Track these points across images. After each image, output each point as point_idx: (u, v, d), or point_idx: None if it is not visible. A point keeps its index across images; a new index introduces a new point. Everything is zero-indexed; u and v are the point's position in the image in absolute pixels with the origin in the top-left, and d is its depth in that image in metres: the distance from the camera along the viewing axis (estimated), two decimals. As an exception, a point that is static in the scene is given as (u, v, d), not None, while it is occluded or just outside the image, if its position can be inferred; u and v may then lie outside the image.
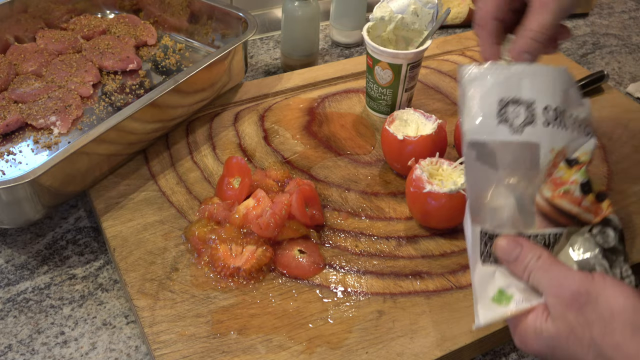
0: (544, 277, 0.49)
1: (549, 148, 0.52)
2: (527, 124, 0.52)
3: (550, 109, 0.53)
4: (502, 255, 0.52)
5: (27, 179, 0.61)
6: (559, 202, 0.52)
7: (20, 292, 0.65)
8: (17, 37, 0.90)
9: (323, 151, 0.80)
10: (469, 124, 0.53)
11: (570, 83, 0.55)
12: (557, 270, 0.49)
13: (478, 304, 0.53)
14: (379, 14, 0.82)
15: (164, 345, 0.57)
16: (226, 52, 0.80)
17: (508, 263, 0.52)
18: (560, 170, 0.53)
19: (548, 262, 0.50)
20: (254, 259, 0.63)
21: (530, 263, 0.50)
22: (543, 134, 0.52)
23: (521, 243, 0.52)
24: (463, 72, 0.55)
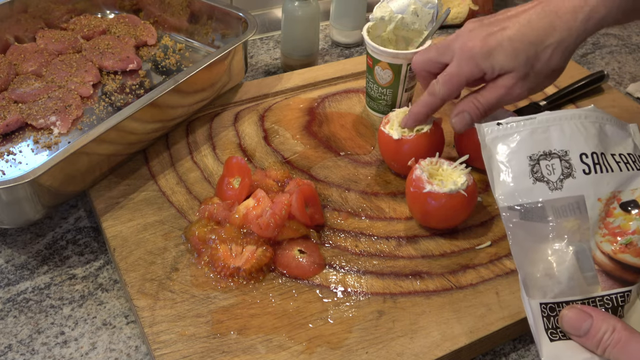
0: (623, 353, 0.45)
1: (595, 197, 0.48)
2: (565, 177, 0.48)
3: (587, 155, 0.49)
4: (570, 330, 0.48)
5: (27, 179, 0.61)
6: (622, 257, 0.47)
7: (20, 292, 0.65)
8: (17, 37, 0.90)
9: (323, 151, 0.80)
10: (502, 188, 0.49)
11: (603, 119, 0.51)
12: (636, 346, 0.45)
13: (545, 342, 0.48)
14: (379, 14, 0.82)
15: (164, 345, 0.57)
16: (226, 52, 0.80)
17: (578, 338, 0.47)
18: (618, 218, 0.48)
19: (625, 336, 0.45)
20: (254, 259, 0.63)
21: (604, 338, 0.46)
22: (585, 184, 0.48)
23: (590, 313, 0.47)
24: (484, 131, 0.51)
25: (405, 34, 0.84)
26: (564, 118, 0.50)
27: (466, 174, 0.66)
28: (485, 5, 1.13)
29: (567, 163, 0.49)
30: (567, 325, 0.48)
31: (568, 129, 0.50)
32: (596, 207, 0.48)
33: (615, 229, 0.48)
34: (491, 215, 0.72)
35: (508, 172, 0.49)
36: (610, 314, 0.47)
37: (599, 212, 0.48)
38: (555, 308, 0.48)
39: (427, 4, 0.81)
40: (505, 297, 0.63)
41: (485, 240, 0.69)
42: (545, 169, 0.49)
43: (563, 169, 0.49)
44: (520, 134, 0.50)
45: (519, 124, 0.50)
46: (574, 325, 0.47)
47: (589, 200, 0.48)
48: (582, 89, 0.91)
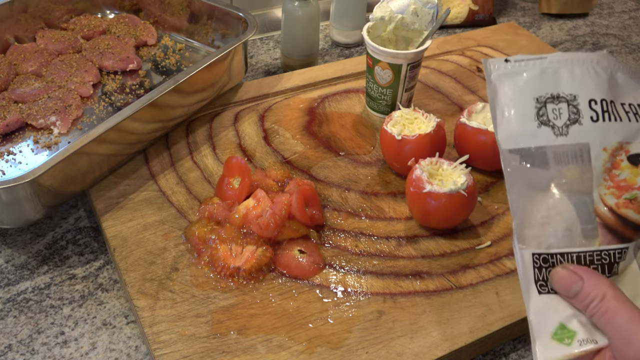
0: (608, 326, 0.44)
1: (601, 146, 0.46)
2: (572, 123, 0.46)
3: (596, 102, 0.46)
4: (560, 289, 0.46)
5: (27, 179, 0.61)
6: (625, 211, 0.46)
7: (20, 292, 0.65)
8: (17, 37, 0.90)
9: (323, 151, 0.80)
10: (505, 130, 0.47)
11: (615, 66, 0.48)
12: (623, 321, 0.43)
13: (536, 342, 0.46)
14: (379, 14, 0.82)
15: (164, 345, 0.57)
16: (226, 52, 0.80)
17: (567, 298, 0.46)
18: (624, 171, 0.46)
19: (613, 306, 0.44)
20: (254, 259, 0.63)
21: (593, 304, 0.45)
22: (592, 131, 0.46)
23: (582, 276, 0.45)
24: (490, 67, 0.48)
25: (405, 34, 0.84)
26: (575, 60, 0.48)
27: (466, 174, 0.66)
28: (485, 5, 1.13)
29: (575, 108, 0.47)
30: (557, 285, 0.47)
31: (579, 72, 0.47)
32: (601, 157, 0.46)
33: (620, 182, 0.46)
34: (491, 215, 0.72)
35: (512, 113, 0.47)
36: (603, 278, 0.45)
37: (604, 163, 0.46)
38: (548, 259, 0.46)
39: (427, 4, 0.81)
40: (505, 297, 0.63)
41: (485, 240, 0.69)
42: (551, 113, 0.46)
43: (570, 114, 0.46)
44: (528, 73, 0.47)
45: (528, 62, 0.48)
46: (564, 286, 0.46)
47: (594, 149, 0.46)
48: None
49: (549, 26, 1.18)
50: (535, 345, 0.46)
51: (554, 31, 1.16)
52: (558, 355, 0.45)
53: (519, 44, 1.03)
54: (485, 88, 0.92)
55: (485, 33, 1.06)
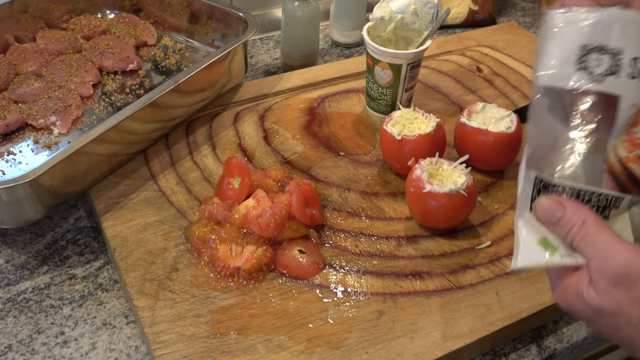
0: (587, 247, 0.46)
1: (631, 102, 0.47)
2: (609, 74, 0.47)
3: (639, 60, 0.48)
4: (543, 217, 0.48)
5: (27, 179, 0.61)
6: (633, 165, 0.47)
7: (20, 292, 0.65)
8: (17, 37, 0.90)
9: (323, 151, 0.80)
10: (543, 67, 0.49)
11: None
12: (602, 242, 0.45)
13: (520, 245, 0.48)
14: (379, 14, 0.82)
15: (164, 345, 0.57)
16: (226, 52, 0.80)
17: (549, 225, 0.48)
18: None
19: (593, 229, 0.46)
20: (254, 259, 0.63)
21: (573, 229, 0.47)
22: (627, 86, 0.47)
23: (564, 204, 0.48)
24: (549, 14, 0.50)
25: (405, 34, 0.84)
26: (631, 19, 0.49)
27: (466, 174, 0.66)
28: (485, 5, 1.13)
29: (617, 62, 0.48)
30: (540, 213, 0.49)
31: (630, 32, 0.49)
32: (628, 112, 0.47)
33: (636, 140, 0.47)
34: (491, 215, 0.72)
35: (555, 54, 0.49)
36: (584, 207, 0.47)
37: (628, 117, 0.47)
38: (548, 186, 0.49)
39: (427, 4, 0.81)
40: (505, 297, 0.63)
41: (485, 240, 0.69)
42: (592, 61, 0.48)
43: (610, 66, 0.48)
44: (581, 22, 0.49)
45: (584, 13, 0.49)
46: (546, 214, 0.48)
47: (624, 102, 0.47)
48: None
49: (549, 26, 1.18)
50: (517, 249, 0.48)
51: (554, 31, 1.16)
52: (539, 259, 0.48)
53: (519, 44, 1.03)
54: (485, 88, 0.92)
55: (485, 33, 1.06)
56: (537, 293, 0.63)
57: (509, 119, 0.75)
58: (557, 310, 0.64)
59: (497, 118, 0.75)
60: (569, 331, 0.65)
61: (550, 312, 0.64)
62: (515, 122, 0.74)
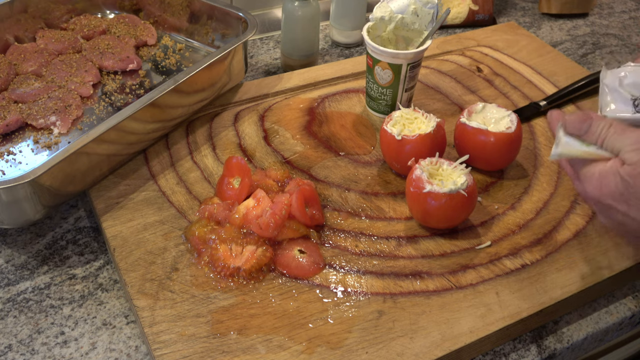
0: (618, 139, 0.52)
1: None
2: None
3: None
4: (573, 128, 0.54)
5: (27, 179, 0.61)
6: None
7: (20, 292, 0.65)
8: (17, 37, 0.90)
9: (323, 151, 0.80)
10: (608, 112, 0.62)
11: None
12: (630, 133, 0.52)
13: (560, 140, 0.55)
14: (379, 14, 0.82)
15: (164, 345, 0.57)
16: (226, 52, 0.80)
17: (581, 134, 0.54)
18: None
19: (620, 127, 0.53)
20: (254, 259, 0.63)
21: (602, 132, 0.53)
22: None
23: (590, 114, 0.54)
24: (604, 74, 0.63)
25: (405, 34, 0.84)
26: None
27: (466, 174, 0.66)
28: (485, 5, 1.13)
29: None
30: (571, 125, 0.55)
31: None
32: None
33: None
34: (491, 215, 0.72)
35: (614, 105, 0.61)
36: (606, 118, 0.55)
37: None
38: None
39: (427, 4, 0.81)
40: (505, 297, 0.63)
41: (485, 240, 0.69)
42: None
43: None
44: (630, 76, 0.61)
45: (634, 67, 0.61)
46: (578, 125, 0.54)
47: None
48: (582, 89, 0.91)
49: (549, 26, 1.18)
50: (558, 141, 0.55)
51: (554, 31, 1.16)
52: (577, 149, 0.55)
53: (519, 44, 1.03)
54: (485, 88, 0.92)
55: (485, 33, 1.06)
56: (537, 293, 0.63)
57: (509, 119, 0.75)
58: (557, 310, 0.64)
59: (497, 118, 0.75)
60: (569, 331, 0.65)
61: (550, 312, 0.64)
62: (515, 122, 0.74)
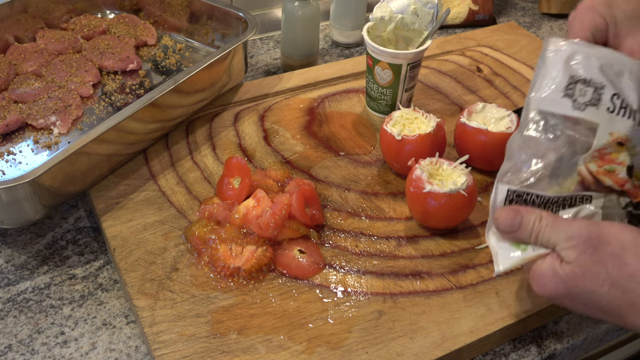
0: (552, 233, 0.52)
1: (608, 131, 0.54)
2: (590, 105, 0.54)
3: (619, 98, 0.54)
4: (506, 227, 0.54)
5: (27, 179, 0.61)
6: (603, 177, 0.54)
7: (20, 292, 0.65)
8: (17, 37, 0.90)
9: (323, 151, 0.80)
10: (535, 91, 0.55)
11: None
12: (563, 225, 0.52)
13: (496, 252, 0.55)
14: (379, 14, 0.82)
15: (164, 345, 0.57)
16: (226, 52, 0.80)
17: (513, 233, 0.54)
18: (611, 147, 0.54)
19: (550, 219, 0.52)
20: (254, 259, 0.63)
21: (535, 226, 0.52)
22: (605, 117, 0.54)
23: (519, 210, 0.53)
24: (548, 44, 0.57)
25: (405, 34, 0.84)
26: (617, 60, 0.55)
27: (466, 174, 0.66)
28: (485, 5, 1.13)
29: (599, 95, 0.54)
30: (503, 223, 0.54)
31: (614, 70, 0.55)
32: (604, 138, 0.54)
33: (606, 154, 0.54)
34: (491, 215, 0.72)
35: (547, 81, 0.55)
36: (535, 208, 0.54)
37: (604, 143, 0.54)
38: (522, 195, 0.55)
39: (427, 4, 0.81)
40: (505, 297, 0.63)
41: (485, 240, 0.69)
42: (578, 91, 0.54)
43: (592, 98, 0.54)
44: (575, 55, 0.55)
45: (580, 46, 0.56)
46: (509, 222, 0.53)
47: (600, 130, 0.54)
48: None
49: (549, 26, 1.18)
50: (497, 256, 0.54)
51: (554, 31, 1.16)
52: (515, 259, 0.54)
53: (519, 44, 1.03)
54: (485, 88, 0.92)
55: (485, 33, 1.06)
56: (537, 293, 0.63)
57: (509, 119, 0.75)
58: (557, 310, 0.64)
59: (497, 118, 0.75)
60: (569, 331, 0.65)
61: (550, 312, 0.64)
62: (515, 122, 0.74)
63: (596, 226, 0.50)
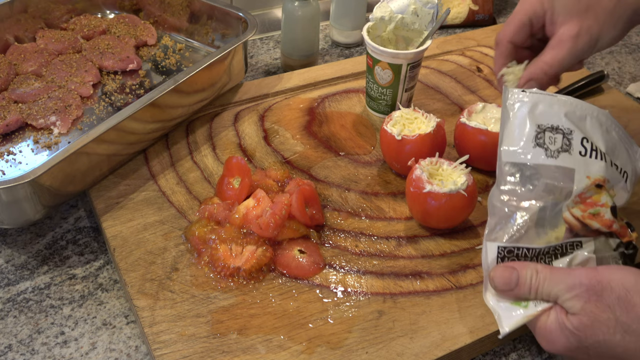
0: (552, 286, 0.50)
1: (585, 175, 0.54)
2: (563, 151, 0.54)
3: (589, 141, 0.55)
4: (504, 286, 0.52)
5: (27, 179, 0.61)
6: (589, 221, 0.54)
7: (20, 292, 0.65)
8: (17, 37, 0.90)
9: (323, 151, 0.80)
10: (506, 145, 0.56)
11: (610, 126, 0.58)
12: (561, 275, 0.51)
13: (499, 313, 0.53)
14: (379, 14, 0.82)
15: (164, 345, 0.57)
16: (226, 52, 0.80)
17: (511, 291, 0.52)
18: (590, 191, 0.54)
19: (548, 272, 0.51)
20: (254, 259, 0.63)
21: (533, 281, 0.51)
22: (579, 161, 0.54)
23: (514, 266, 0.52)
24: (508, 94, 0.57)
25: (405, 34, 0.84)
26: (580, 106, 0.57)
27: (466, 174, 0.66)
28: (485, 5, 1.13)
29: (568, 141, 0.55)
30: (499, 282, 0.53)
31: (579, 115, 0.56)
32: (583, 181, 0.54)
33: (587, 198, 0.54)
34: (491, 215, 0.72)
35: (516, 133, 0.55)
36: (530, 262, 0.53)
37: (583, 187, 0.54)
38: (513, 250, 0.54)
39: (427, 4, 0.81)
40: (505, 297, 0.63)
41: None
42: (548, 139, 0.55)
43: (563, 144, 0.55)
44: (538, 105, 0.56)
45: (540, 95, 0.56)
46: (505, 281, 0.52)
47: (577, 175, 0.54)
48: (582, 89, 0.91)
49: (549, 26, 1.18)
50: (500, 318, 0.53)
51: (554, 31, 1.16)
52: (519, 318, 0.52)
53: (519, 44, 1.03)
54: (485, 88, 0.92)
55: (485, 33, 1.06)
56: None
57: (509, 119, 0.75)
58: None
59: (497, 118, 0.75)
60: (569, 331, 0.65)
61: (550, 312, 0.64)
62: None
63: (595, 272, 0.49)
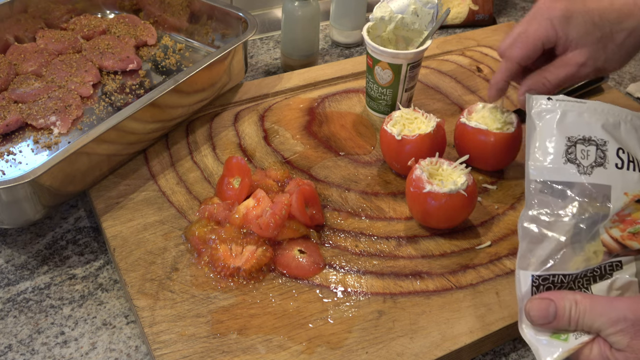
0: (594, 319, 0.48)
1: (622, 191, 0.49)
2: (597, 165, 0.49)
3: (624, 151, 0.50)
4: (541, 319, 0.50)
5: (27, 179, 0.61)
6: (629, 242, 0.49)
7: (20, 292, 0.65)
8: (17, 37, 0.90)
9: (323, 151, 0.80)
10: (533, 160, 0.51)
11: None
12: (603, 307, 0.48)
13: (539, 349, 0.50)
14: (379, 14, 0.82)
15: (164, 345, 0.57)
16: (226, 52, 0.80)
17: (549, 324, 0.50)
18: (629, 207, 0.50)
19: (588, 303, 0.48)
20: (254, 259, 0.63)
21: (572, 313, 0.49)
22: (615, 176, 0.49)
23: (550, 297, 0.49)
24: (532, 102, 0.52)
25: (405, 34, 0.84)
26: (611, 112, 0.52)
27: (466, 174, 0.66)
28: (485, 5, 1.13)
29: (603, 153, 0.50)
30: (536, 316, 0.50)
31: (612, 122, 0.51)
32: (621, 199, 0.49)
33: (625, 216, 0.49)
34: (491, 215, 0.72)
35: (544, 147, 0.51)
36: (566, 291, 0.49)
37: (623, 204, 0.49)
38: (548, 278, 0.50)
39: (427, 4, 0.81)
40: (505, 297, 0.63)
41: (485, 240, 0.69)
42: (579, 153, 0.50)
43: (597, 158, 0.50)
44: (566, 114, 0.51)
45: (568, 103, 0.51)
46: (542, 314, 0.49)
47: (614, 192, 0.49)
48: (582, 89, 0.91)
49: (549, 26, 1.18)
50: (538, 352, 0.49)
51: (554, 31, 1.16)
52: (561, 352, 0.48)
53: (519, 44, 1.03)
54: (485, 88, 0.92)
55: (485, 33, 1.06)
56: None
57: (509, 119, 0.75)
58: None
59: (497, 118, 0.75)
60: (569, 331, 0.65)
61: (550, 312, 0.64)
62: (515, 122, 0.74)
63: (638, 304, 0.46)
